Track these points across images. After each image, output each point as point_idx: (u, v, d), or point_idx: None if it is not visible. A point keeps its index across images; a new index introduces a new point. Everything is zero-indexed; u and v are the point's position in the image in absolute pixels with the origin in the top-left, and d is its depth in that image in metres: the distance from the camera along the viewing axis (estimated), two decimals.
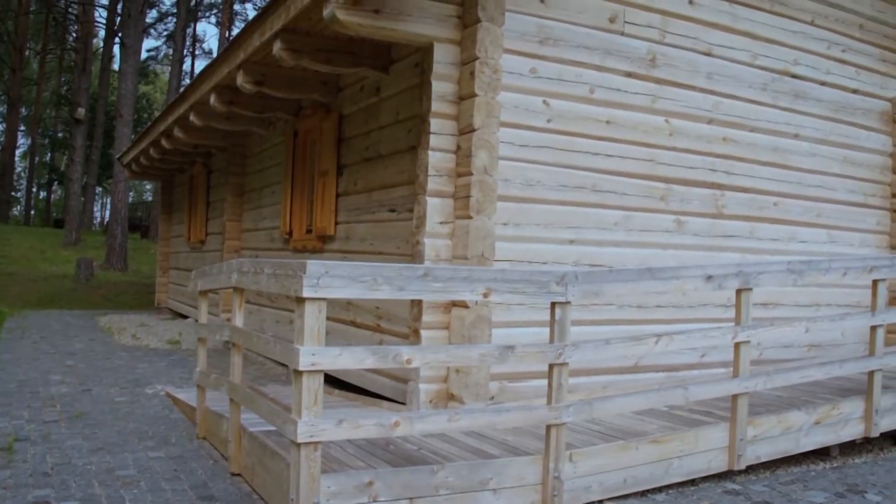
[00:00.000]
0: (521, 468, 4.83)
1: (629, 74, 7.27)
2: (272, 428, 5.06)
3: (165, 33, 50.88)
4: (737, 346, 5.72)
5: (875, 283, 6.58)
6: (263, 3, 16.99)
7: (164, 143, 13.48)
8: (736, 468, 5.83)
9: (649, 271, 5.42)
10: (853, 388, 7.04)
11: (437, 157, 6.32)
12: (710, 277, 5.56)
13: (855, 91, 9.15)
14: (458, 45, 6.40)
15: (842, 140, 8.99)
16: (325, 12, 5.89)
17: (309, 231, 9.28)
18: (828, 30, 8.88)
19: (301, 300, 4.11)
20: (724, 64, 7.93)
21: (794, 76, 8.54)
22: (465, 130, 6.27)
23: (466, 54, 6.33)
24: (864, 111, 9.23)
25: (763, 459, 6.05)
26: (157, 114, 24.28)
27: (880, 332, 6.61)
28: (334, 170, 8.58)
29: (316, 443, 4.14)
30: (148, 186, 60.40)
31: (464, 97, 6.33)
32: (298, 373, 4.09)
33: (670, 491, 5.55)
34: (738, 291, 5.73)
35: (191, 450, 6.29)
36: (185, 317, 16.55)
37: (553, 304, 4.83)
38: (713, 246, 7.86)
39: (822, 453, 6.68)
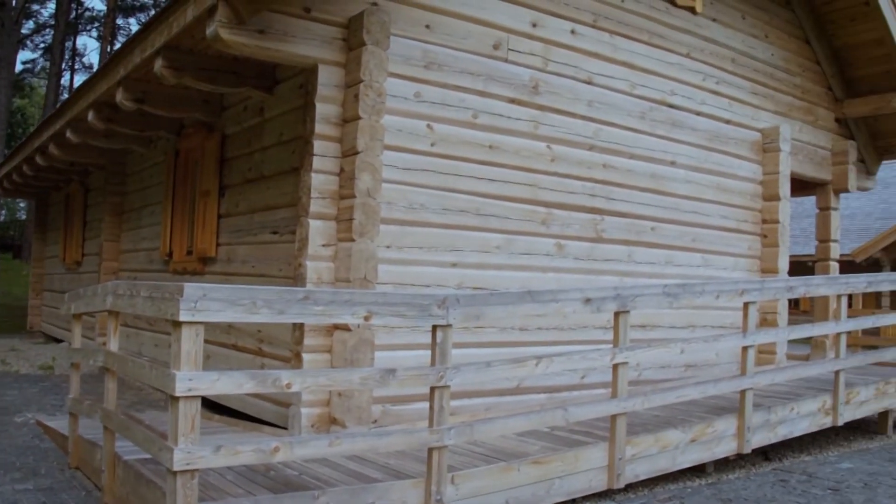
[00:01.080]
0: (403, 492, 4.81)
1: (512, 100, 7.38)
2: (148, 456, 4.90)
3: (43, 45, 49.20)
4: (615, 367, 5.85)
5: (746, 305, 6.83)
6: (147, 19, 16.62)
7: (38, 159, 12.98)
8: (616, 487, 5.94)
9: (529, 294, 5.49)
10: (727, 406, 7.26)
11: (321, 179, 6.27)
12: (588, 300, 5.67)
13: (728, 121, 9.52)
14: (343, 68, 6.39)
15: (716, 168, 9.34)
16: (209, 31, 5.80)
17: (189, 253, 9.08)
18: (703, 62, 9.23)
19: (178, 324, 4.01)
20: (604, 92, 8.15)
21: (671, 106, 8.83)
22: (349, 153, 6.25)
23: (351, 77, 6.32)
24: (736, 141, 9.61)
25: (642, 478, 6.20)
26: (32, 129, 23.44)
27: (751, 353, 6.86)
28: (216, 190, 8.44)
29: (193, 470, 4.03)
30: (21, 204, 58.20)
31: (348, 120, 6.32)
32: (175, 398, 3.99)
33: None
34: (616, 314, 5.86)
35: (62, 481, 6.04)
36: (59, 341, 15.94)
37: (434, 328, 4.84)
38: (593, 269, 8.04)
39: (698, 470, 6.88)
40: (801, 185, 11.04)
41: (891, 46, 10.37)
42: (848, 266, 27.55)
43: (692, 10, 9.05)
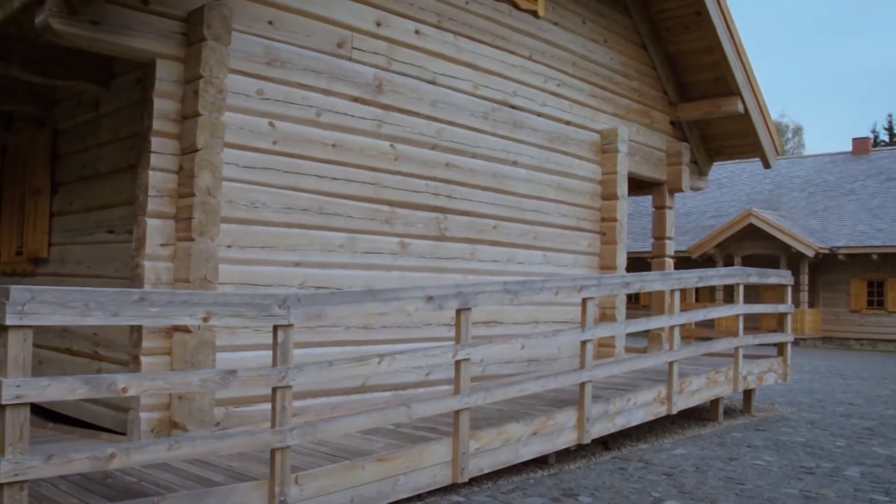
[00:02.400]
0: (245, 494, 4.75)
1: (356, 99, 7.38)
2: None
3: None
4: (457, 363, 5.94)
5: (584, 301, 7.06)
6: None
7: None
8: (460, 481, 6.04)
9: (371, 293, 5.52)
10: (567, 399, 7.49)
11: (159, 176, 6.09)
12: (430, 298, 5.74)
13: (568, 123, 9.81)
14: (183, 63, 6.22)
15: (556, 168, 9.61)
16: (38, 20, 5.53)
17: (19, 253, 8.66)
18: (544, 65, 9.48)
19: (4, 328, 3.83)
20: (447, 92, 8.25)
21: (513, 107, 9.02)
22: (188, 150, 6.10)
23: (191, 72, 6.17)
24: (576, 141, 9.91)
25: (486, 471, 6.31)
26: None
27: (590, 347, 7.10)
28: (48, 188, 8.07)
29: (22, 482, 3.86)
30: None
31: (187, 116, 6.16)
32: (1, 407, 3.81)
33: None
34: (458, 311, 5.95)
35: None
36: None
37: (276, 327, 4.80)
38: (436, 267, 8.13)
39: (540, 461, 7.07)
40: (638, 185, 11.49)
41: (720, 54, 10.92)
42: (684, 262, 28.84)
43: (535, 13, 9.28)
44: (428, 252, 8.05)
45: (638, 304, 28.29)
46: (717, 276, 9.51)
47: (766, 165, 12.44)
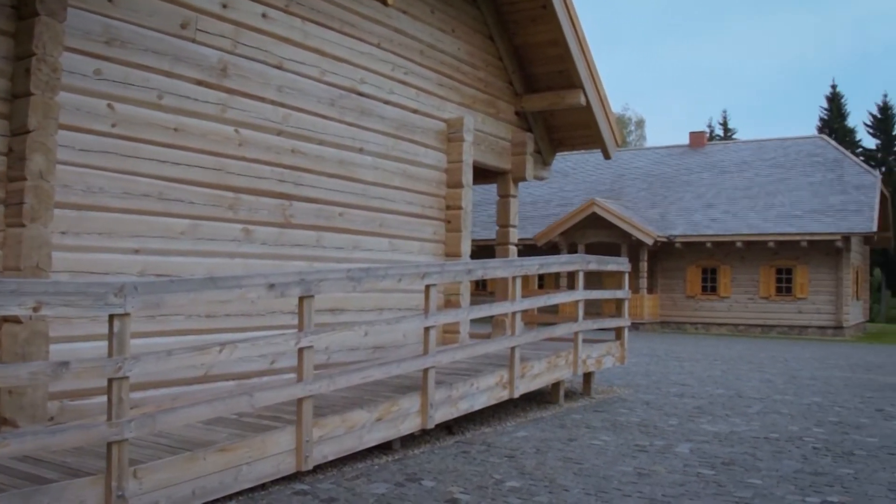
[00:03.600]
0: (80, 490, 4.59)
1: (200, 82, 7.22)
2: None
3: None
4: (300, 351, 5.92)
5: (427, 287, 7.15)
6: None
7: None
8: (304, 469, 6.03)
9: (212, 280, 5.43)
10: (412, 385, 7.57)
11: None
12: (272, 286, 5.70)
13: (415, 111, 9.89)
14: (13, 39, 5.93)
15: (403, 156, 9.68)
16: None
17: None
18: (392, 53, 9.52)
19: None
20: (294, 78, 8.18)
21: (360, 94, 9.02)
22: (19, 131, 5.83)
23: (22, 49, 5.89)
24: (423, 130, 10.00)
25: (330, 458, 6.32)
26: None
27: (433, 333, 7.21)
28: None
29: None
30: None
31: (18, 95, 5.89)
32: None
33: (240, 498, 5.59)
34: (301, 299, 5.94)
35: None
36: None
37: (111, 317, 4.66)
38: (281, 255, 8.07)
39: (385, 447, 7.13)
40: (483, 174, 11.68)
41: (564, 47, 11.23)
42: (530, 250, 29.55)
43: (384, 1, 9.27)
44: (272, 239, 7.97)
45: (486, 291, 28.79)
46: (557, 264, 9.81)
47: (607, 156, 12.87)
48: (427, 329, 7.15)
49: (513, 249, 11.97)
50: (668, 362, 16.88)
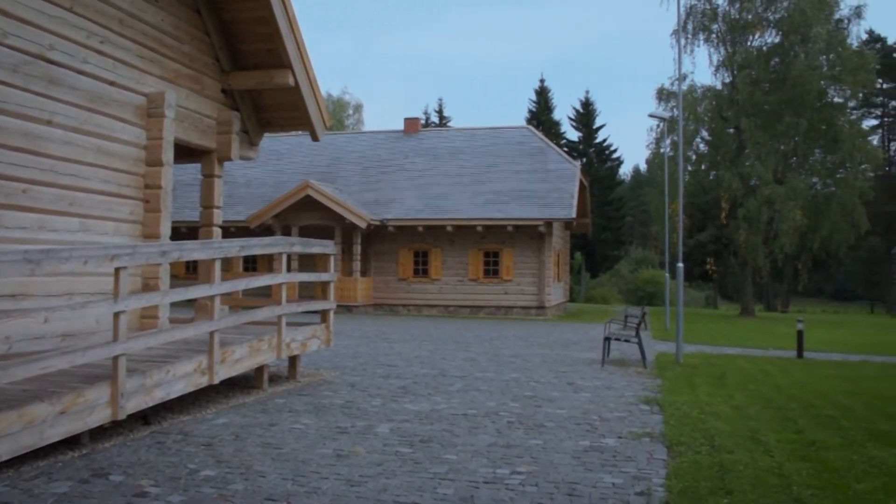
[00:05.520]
0: None
1: None
2: None
3: None
4: None
5: (117, 270, 6.74)
6: None
7: None
8: None
9: None
10: (102, 374, 7.12)
11: None
12: None
13: (112, 83, 9.30)
14: None
15: (97, 130, 9.07)
16: None
17: None
18: (88, 19, 8.88)
19: None
20: None
21: (49, 61, 8.34)
22: None
23: None
24: (120, 103, 9.43)
25: (5, 458, 5.79)
26: None
27: (123, 319, 6.81)
28: None
29: None
30: None
31: None
32: None
33: None
34: None
35: None
36: None
37: None
38: None
39: (73, 442, 6.68)
40: (187, 152, 11.22)
41: (274, 26, 10.99)
42: (243, 232, 29.01)
43: None
44: None
45: (195, 274, 27.90)
46: (260, 246, 9.61)
47: (315, 138, 12.79)
48: (117, 314, 6.74)
49: (217, 231, 11.60)
50: (378, 344, 17.15)
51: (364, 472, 6.19)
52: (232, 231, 28.96)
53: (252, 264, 29.74)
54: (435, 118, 68.68)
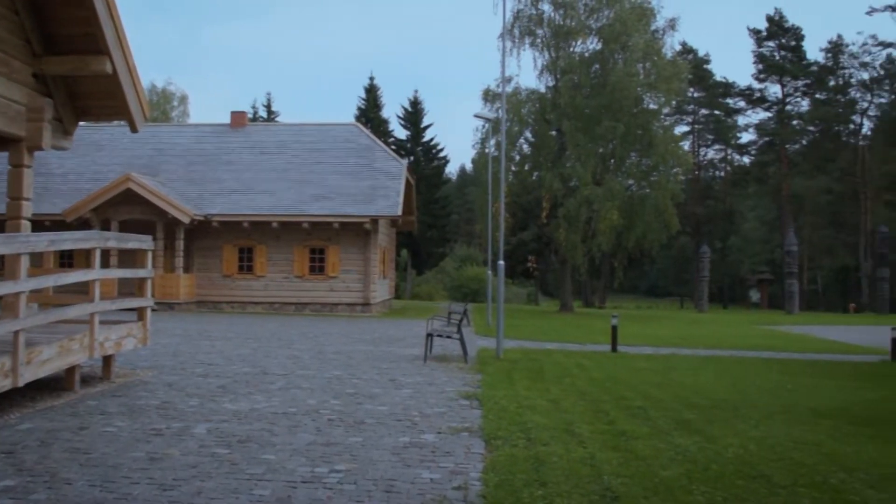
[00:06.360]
0: None
1: None
2: None
3: None
4: None
5: None
6: None
7: None
8: None
9: None
10: None
11: None
12: None
13: None
14: None
15: None
16: None
17: None
18: None
19: None
20: None
21: None
22: None
23: None
24: None
25: None
26: None
27: None
28: None
29: None
30: None
31: None
32: None
33: None
34: None
35: None
36: None
37: None
38: None
39: None
40: None
41: (91, 10, 10.48)
42: (60, 226, 27.65)
43: None
44: None
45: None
46: (72, 240, 9.19)
47: (134, 129, 12.29)
48: None
49: (26, 225, 10.96)
50: (200, 342, 16.72)
51: (178, 476, 6.02)
52: (47, 225, 27.46)
53: (69, 260, 28.37)
54: (263, 112, 67.60)
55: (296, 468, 6.34)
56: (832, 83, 67.65)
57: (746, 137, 74.51)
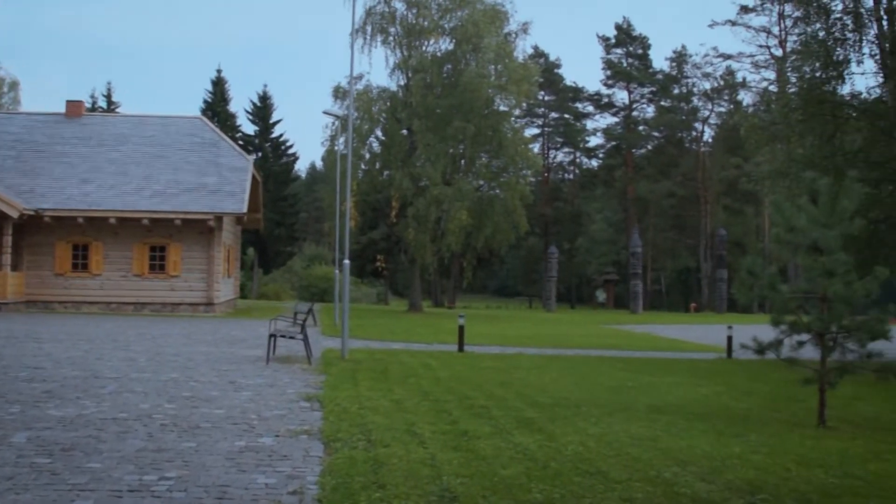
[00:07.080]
0: None
1: None
2: None
3: None
4: None
5: None
6: None
7: None
8: None
9: None
10: None
11: None
12: None
13: None
14: None
15: None
16: None
17: None
18: None
19: None
20: None
21: None
22: None
23: None
24: None
25: None
26: None
27: None
28: None
29: None
30: None
31: None
32: None
33: None
34: None
35: None
36: None
37: None
38: None
39: None
40: None
41: None
42: None
43: None
44: None
45: None
46: None
47: None
48: None
49: None
50: (26, 344, 15.78)
51: None
52: None
53: None
54: (103, 103, 64.87)
55: (122, 476, 5.99)
56: (676, 91, 70.41)
57: (594, 141, 76.69)
